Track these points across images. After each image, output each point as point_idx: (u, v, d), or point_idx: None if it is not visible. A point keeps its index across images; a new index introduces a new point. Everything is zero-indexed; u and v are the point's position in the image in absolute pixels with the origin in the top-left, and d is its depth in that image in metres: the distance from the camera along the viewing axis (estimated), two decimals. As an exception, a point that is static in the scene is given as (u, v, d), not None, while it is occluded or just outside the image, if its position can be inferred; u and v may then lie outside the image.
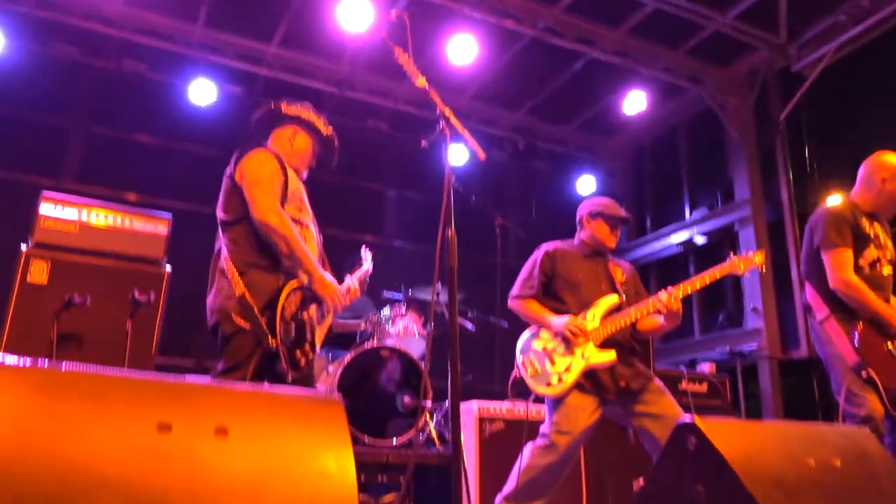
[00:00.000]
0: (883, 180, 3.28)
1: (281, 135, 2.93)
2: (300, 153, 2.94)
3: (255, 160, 2.71)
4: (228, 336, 2.52)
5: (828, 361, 3.19)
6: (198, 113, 6.47)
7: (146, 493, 1.20)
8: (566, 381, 3.06)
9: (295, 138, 2.93)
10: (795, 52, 6.38)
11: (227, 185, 2.75)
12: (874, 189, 3.30)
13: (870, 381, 2.93)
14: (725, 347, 6.40)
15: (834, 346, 3.12)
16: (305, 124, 2.96)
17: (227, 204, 2.72)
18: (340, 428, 1.46)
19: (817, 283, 3.25)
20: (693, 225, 7.38)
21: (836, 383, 3.10)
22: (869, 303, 3.05)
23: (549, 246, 3.43)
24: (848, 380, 3.00)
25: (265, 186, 2.64)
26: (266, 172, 2.67)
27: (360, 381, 4.86)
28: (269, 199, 2.61)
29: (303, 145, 2.94)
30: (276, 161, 2.74)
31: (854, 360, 2.98)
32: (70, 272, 3.92)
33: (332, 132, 3.03)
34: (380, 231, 7.98)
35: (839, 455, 1.91)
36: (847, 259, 3.14)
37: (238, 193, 2.68)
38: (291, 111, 2.95)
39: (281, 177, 2.71)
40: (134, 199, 6.49)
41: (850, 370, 3.00)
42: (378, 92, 7.16)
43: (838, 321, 3.12)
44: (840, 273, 3.11)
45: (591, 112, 7.81)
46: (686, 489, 1.82)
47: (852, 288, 3.08)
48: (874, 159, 3.36)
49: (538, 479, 3.05)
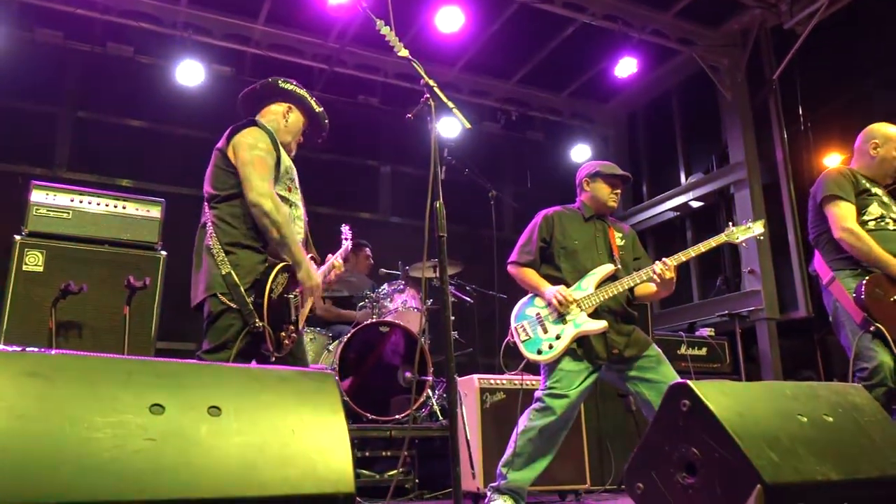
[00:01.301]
0: (875, 146, 3.38)
1: (274, 111, 2.92)
2: (292, 130, 2.94)
3: (250, 138, 2.69)
4: (215, 315, 2.52)
5: (836, 321, 3.24)
6: (187, 94, 6.42)
7: (140, 474, 1.22)
8: (556, 349, 3.10)
9: (289, 114, 2.92)
10: (787, 8, 6.31)
11: (217, 158, 2.73)
12: (867, 156, 3.41)
13: (878, 334, 2.97)
14: (724, 311, 6.44)
15: (841, 304, 3.18)
16: (299, 101, 2.95)
17: (215, 179, 2.71)
18: (334, 402, 1.47)
19: (823, 248, 3.32)
20: (689, 190, 7.36)
21: (847, 341, 3.14)
22: (873, 250, 3.10)
23: (549, 211, 3.44)
24: (857, 336, 3.03)
25: (260, 168, 2.62)
26: (261, 152, 2.66)
27: (361, 358, 4.89)
28: (265, 183, 2.60)
29: (295, 122, 2.95)
30: (269, 140, 2.73)
31: (861, 316, 3.02)
32: (66, 260, 3.91)
33: (322, 111, 3.03)
34: (376, 207, 7.96)
35: (830, 411, 1.93)
36: (849, 210, 3.20)
37: (229, 169, 2.66)
38: (287, 87, 2.94)
39: (274, 156, 2.71)
40: (126, 184, 6.46)
41: (858, 326, 3.04)
42: (368, 67, 7.10)
43: (842, 280, 3.18)
44: (843, 222, 3.16)
45: (584, 79, 7.75)
46: (680, 450, 1.84)
47: (855, 235, 3.13)
48: (866, 129, 3.47)
49: (535, 441, 3.09)
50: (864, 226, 3.21)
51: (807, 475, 1.72)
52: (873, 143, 3.39)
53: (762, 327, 6.31)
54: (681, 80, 7.61)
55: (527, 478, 3.12)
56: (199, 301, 2.59)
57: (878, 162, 3.37)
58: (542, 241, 3.34)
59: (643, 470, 1.94)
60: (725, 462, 1.72)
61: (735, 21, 6.74)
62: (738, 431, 1.72)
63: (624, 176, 3.45)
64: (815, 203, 3.35)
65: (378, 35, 2.46)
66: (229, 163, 2.66)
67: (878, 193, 3.33)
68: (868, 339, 2.99)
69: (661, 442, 1.91)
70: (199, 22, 6.38)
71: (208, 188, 2.73)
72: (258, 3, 6.32)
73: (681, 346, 5.56)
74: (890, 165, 3.38)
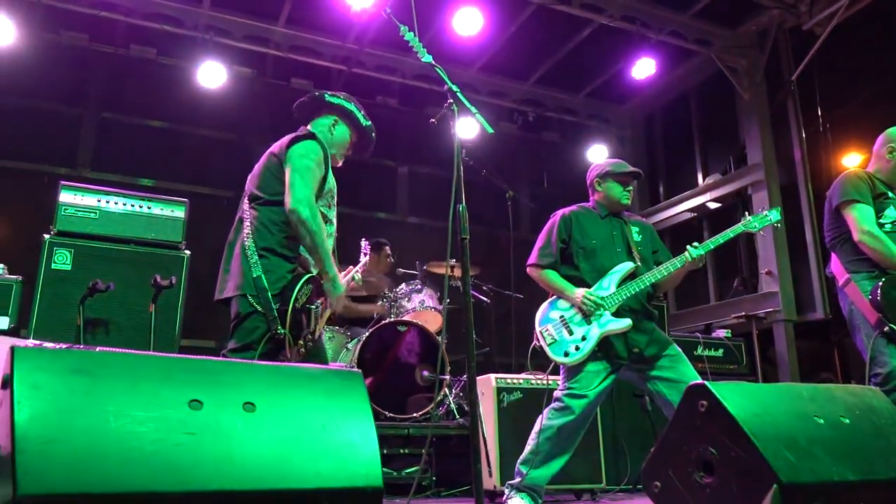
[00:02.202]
0: (891, 150, 3.37)
1: (322, 123, 3.00)
2: (339, 143, 3.01)
3: (306, 149, 2.76)
4: (243, 316, 2.60)
5: (852, 323, 3.24)
6: (208, 95, 6.51)
7: (181, 466, 1.28)
8: (583, 350, 3.13)
9: (335, 127, 2.99)
10: (806, 9, 6.29)
11: (269, 162, 2.81)
12: (884, 160, 3.39)
13: (892, 336, 2.98)
14: (741, 312, 6.44)
15: (856, 306, 3.18)
16: (346, 115, 3.02)
17: (263, 181, 2.78)
18: (362, 399, 1.52)
19: (840, 250, 3.33)
20: (706, 191, 7.36)
21: (862, 344, 3.15)
22: (893, 254, 3.10)
23: (565, 210, 3.46)
24: (872, 339, 3.04)
25: (306, 177, 2.69)
26: (311, 163, 2.73)
27: (379, 357, 4.95)
28: (307, 191, 2.67)
29: (341, 135, 3.02)
30: (323, 155, 2.80)
31: (875, 317, 3.03)
32: (93, 258, 4.01)
33: (370, 124, 3.09)
34: (393, 208, 8.03)
35: (847, 413, 1.95)
36: (869, 213, 3.20)
37: (279, 176, 2.73)
38: (334, 101, 3.01)
39: (323, 169, 2.78)
40: (149, 184, 6.57)
41: (873, 328, 3.05)
42: (386, 68, 7.16)
43: (858, 282, 3.18)
44: (864, 225, 3.16)
45: (601, 80, 7.76)
46: (698, 449, 1.88)
47: (875, 238, 3.13)
48: (883, 133, 3.46)
49: (553, 440, 3.13)
50: (881, 229, 3.21)
51: (823, 476, 1.75)
52: (889, 146, 3.37)
53: (779, 329, 6.30)
54: (698, 81, 7.60)
55: (545, 476, 3.17)
56: (227, 297, 2.66)
57: (894, 167, 3.36)
58: (562, 241, 3.36)
59: (661, 469, 1.98)
60: (742, 462, 1.75)
61: (753, 22, 6.72)
62: (755, 432, 1.75)
63: (634, 172, 3.46)
64: (832, 206, 3.35)
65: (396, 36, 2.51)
66: (281, 170, 2.73)
67: (894, 197, 3.33)
68: (883, 343, 2.99)
69: (679, 441, 1.95)
70: (221, 24, 6.47)
71: (253, 188, 2.79)
72: (279, 5, 6.40)
73: (697, 347, 5.57)
74: None
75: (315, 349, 2.81)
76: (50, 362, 1.29)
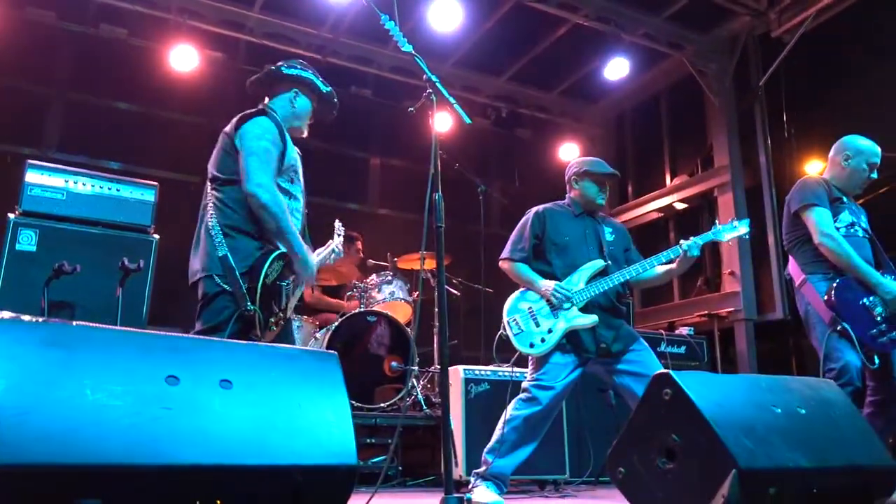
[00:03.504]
0: (847, 158, 3.49)
1: (282, 97, 2.94)
2: (302, 114, 2.97)
3: (257, 128, 2.72)
4: (210, 297, 2.58)
5: (808, 322, 3.35)
6: (180, 79, 6.42)
7: (157, 440, 1.29)
8: (548, 343, 3.20)
9: (296, 99, 2.95)
10: (776, 17, 6.43)
11: (224, 143, 2.78)
12: (839, 167, 3.51)
13: (845, 334, 3.08)
14: (704, 311, 6.59)
15: (812, 306, 3.29)
16: (305, 84, 2.98)
17: (220, 162, 2.76)
18: (337, 380, 1.54)
19: (797, 252, 3.43)
20: (673, 191, 7.50)
21: (817, 341, 3.25)
22: (851, 256, 3.20)
23: (540, 207, 3.52)
24: (826, 336, 3.15)
25: (263, 159, 2.66)
26: (266, 143, 2.69)
27: (348, 346, 4.96)
28: (265, 174, 2.64)
29: (304, 106, 2.97)
30: (277, 131, 2.76)
31: (829, 316, 3.13)
32: (59, 240, 3.93)
33: (331, 89, 3.05)
34: (365, 199, 8.02)
35: (803, 403, 2.04)
36: (827, 216, 3.31)
37: (235, 155, 2.70)
38: (291, 72, 2.96)
39: (280, 147, 2.75)
40: (116, 167, 6.46)
41: (827, 326, 3.15)
42: (361, 58, 7.14)
43: (814, 283, 3.29)
44: (823, 228, 3.26)
45: (574, 79, 7.84)
46: (661, 437, 1.94)
47: (835, 241, 3.23)
48: (839, 142, 3.58)
49: (519, 430, 3.19)
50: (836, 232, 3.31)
51: (778, 462, 1.83)
52: (845, 154, 3.49)
53: (740, 328, 6.46)
54: (669, 84, 7.73)
55: (510, 465, 3.22)
56: (196, 281, 2.64)
57: (849, 174, 3.47)
58: (535, 237, 3.42)
59: (625, 455, 2.04)
60: (703, 448, 1.82)
61: (724, 27, 6.86)
62: (716, 419, 1.82)
63: (612, 174, 3.53)
64: (790, 210, 3.45)
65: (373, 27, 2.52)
66: (234, 148, 2.71)
67: (848, 202, 3.45)
68: (836, 339, 3.10)
69: (644, 428, 2.01)
70: (194, 6, 6.37)
71: (212, 170, 2.77)
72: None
73: (661, 344, 5.69)
74: (860, 178, 3.48)
75: (284, 332, 2.80)
76: (26, 335, 1.29)
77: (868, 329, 3.13)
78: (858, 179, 3.49)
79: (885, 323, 3.16)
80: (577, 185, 3.52)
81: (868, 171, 3.47)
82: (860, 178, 3.48)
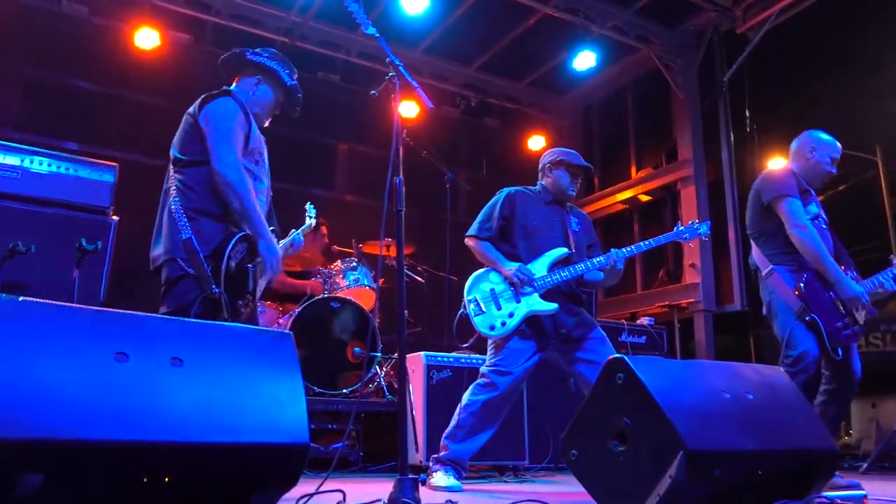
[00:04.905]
0: (812, 150, 3.52)
1: (246, 82, 2.93)
2: (262, 102, 2.95)
3: (223, 108, 2.71)
4: (174, 280, 2.55)
5: (771, 310, 3.39)
6: (143, 59, 6.29)
7: (104, 416, 1.27)
8: (508, 326, 3.22)
9: (258, 87, 2.93)
10: (741, 14, 6.54)
11: (187, 124, 2.74)
12: (803, 160, 3.54)
13: (812, 324, 3.15)
14: (665, 302, 6.70)
15: (778, 295, 3.33)
16: (270, 73, 2.96)
17: (184, 144, 2.72)
18: (291, 360, 1.54)
19: (764, 243, 3.46)
20: (638, 184, 7.59)
21: (781, 329, 3.30)
22: (820, 250, 3.24)
23: (512, 189, 3.54)
24: (792, 325, 3.20)
25: (229, 138, 2.65)
26: (232, 123, 2.68)
27: (311, 332, 4.93)
28: (232, 154, 2.63)
29: (265, 95, 2.95)
30: (242, 112, 2.75)
31: (798, 306, 3.19)
32: (13, 219, 3.84)
33: (296, 83, 3.03)
34: (331, 185, 7.96)
35: (752, 389, 2.09)
36: (800, 207, 3.34)
37: (199, 136, 2.67)
38: (256, 59, 2.94)
39: (245, 128, 2.73)
40: (76, 148, 6.31)
41: (794, 316, 3.21)
42: (330, 43, 7.07)
43: (781, 274, 3.34)
44: (798, 219, 3.29)
45: (543, 70, 7.87)
46: (614, 420, 1.98)
47: (808, 233, 3.26)
48: (802, 135, 3.62)
49: (477, 415, 3.22)
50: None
51: (725, 445, 1.88)
52: (810, 147, 3.53)
53: (699, 319, 6.59)
54: (637, 77, 7.81)
55: (468, 450, 3.25)
56: (159, 265, 2.61)
57: (813, 166, 3.51)
58: (504, 217, 3.44)
59: (578, 438, 2.08)
60: (653, 431, 1.86)
61: (691, 22, 6.95)
62: (667, 403, 1.86)
63: (586, 167, 3.57)
64: (760, 201, 3.46)
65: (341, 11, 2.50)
66: (199, 129, 2.68)
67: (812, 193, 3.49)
68: (801, 328, 3.16)
69: (596, 412, 2.05)
70: (159, -14, 6.26)
71: (175, 152, 2.73)
72: (221, -29, 6.23)
73: (622, 333, 5.77)
74: (823, 171, 3.52)
75: (251, 317, 2.78)
76: (-31, 309, 1.26)
77: (834, 322, 3.19)
78: (822, 173, 3.52)
79: (849, 316, 3.23)
80: (552, 173, 3.56)
81: (830, 164, 3.51)
82: (823, 172, 3.52)
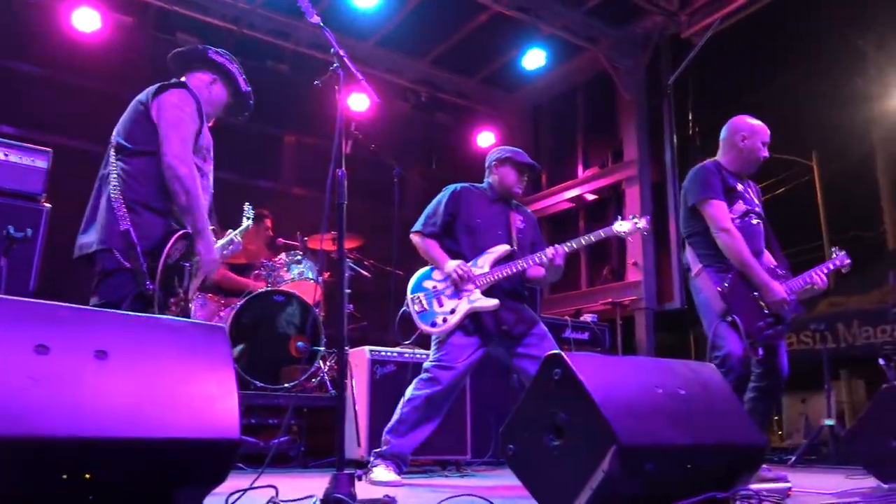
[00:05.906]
0: (743, 138, 3.55)
1: (199, 78, 2.89)
2: (214, 102, 2.92)
3: (178, 100, 2.65)
4: (109, 272, 2.48)
5: (700, 310, 3.49)
6: (82, 42, 6.06)
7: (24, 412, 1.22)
8: (450, 323, 3.25)
9: (212, 85, 2.90)
10: (686, 18, 6.69)
11: (138, 112, 2.67)
12: (735, 148, 3.57)
13: (733, 325, 3.24)
14: (608, 299, 6.84)
15: (705, 295, 3.42)
16: (226, 75, 2.94)
17: (131, 132, 2.64)
18: (223, 353, 1.51)
19: (694, 243, 3.53)
20: (585, 183, 7.72)
21: (707, 329, 3.40)
22: (744, 253, 3.31)
23: (457, 186, 3.56)
24: (715, 324, 3.30)
25: (183, 131, 2.60)
26: (186, 116, 2.63)
27: (253, 326, 4.85)
28: (184, 147, 2.58)
29: (219, 95, 2.93)
30: (196, 106, 2.70)
31: (720, 306, 3.28)
32: (-64, 205, 3.66)
33: (250, 90, 3.02)
34: (278, 177, 7.84)
35: (684, 385, 2.15)
36: (724, 209, 3.40)
37: (149, 126, 2.60)
38: (217, 58, 2.92)
39: (198, 123, 2.69)
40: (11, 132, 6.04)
41: (717, 316, 3.30)
42: (279, 32, 6.95)
43: (709, 274, 3.41)
44: (722, 222, 3.36)
45: (494, 67, 7.91)
46: (550, 416, 2.00)
47: (732, 236, 3.33)
48: (731, 122, 3.65)
49: (419, 410, 3.23)
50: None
51: (657, 439, 1.92)
52: (741, 135, 3.55)
53: (640, 316, 6.75)
54: (585, 78, 7.92)
55: (409, 444, 3.25)
56: (90, 252, 2.52)
57: (746, 154, 3.54)
58: (448, 214, 3.46)
59: (516, 433, 2.10)
60: (588, 426, 1.89)
61: (638, 25, 7.08)
62: (601, 399, 1.89)
63: (532, 165, 3.60)
64: (687, 203, 3.52)
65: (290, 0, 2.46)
66: (149, 118, 2.61)
67: (740, 189, 3.52)
68: (724, 328, 3.25)
69: (534, 407, 2.07)
70: (100, -34, 6.04)
71: (120, 139, 2.64)
72: (166, -46, 6.05)
73: (565, 329, 5.86)
74: (755, 157, 3.55)
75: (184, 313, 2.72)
76: None
77: (755, 322, 3.27)
78: (753, 159, 3.55)
79: (773, 316, 3.31)
80: (498, 170, 3.58)
81: (762, 149, 3.54)
82: (755, 158, 3.55)
